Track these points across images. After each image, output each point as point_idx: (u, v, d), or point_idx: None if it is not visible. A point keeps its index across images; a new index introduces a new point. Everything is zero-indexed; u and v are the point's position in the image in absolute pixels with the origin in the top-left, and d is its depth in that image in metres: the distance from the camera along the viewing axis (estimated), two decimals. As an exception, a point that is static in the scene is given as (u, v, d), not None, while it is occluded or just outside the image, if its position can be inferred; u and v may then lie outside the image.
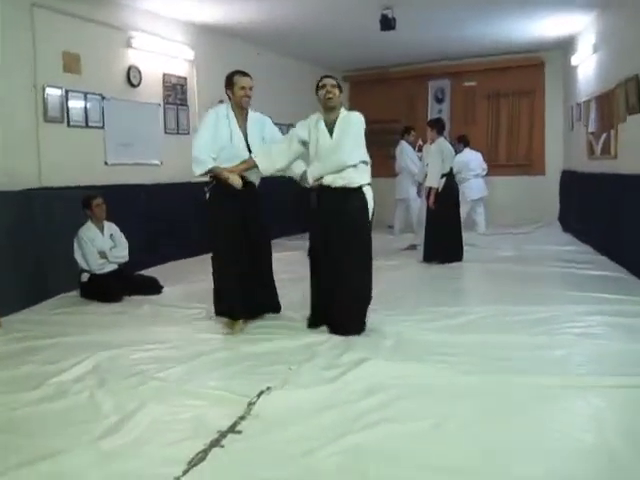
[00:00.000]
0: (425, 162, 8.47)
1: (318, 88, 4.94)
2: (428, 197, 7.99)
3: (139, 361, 4.23)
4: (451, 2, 8.24)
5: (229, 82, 5.13)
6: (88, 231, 6.38)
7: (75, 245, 6.34)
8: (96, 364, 4.17)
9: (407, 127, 10.67)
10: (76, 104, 7.04)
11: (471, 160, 10.44)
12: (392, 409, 3.30)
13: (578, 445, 2.87)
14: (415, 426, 3.09)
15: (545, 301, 5.70)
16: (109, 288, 6.24)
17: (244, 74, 5.29)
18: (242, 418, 3.22)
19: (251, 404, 3.40)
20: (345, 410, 3.30)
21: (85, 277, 6.37)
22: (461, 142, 10.46)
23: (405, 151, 10.33)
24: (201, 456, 2.80)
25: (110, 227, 6.54)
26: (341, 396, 3.50)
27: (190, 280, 7.07)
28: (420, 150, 10.18)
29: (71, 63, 6.92)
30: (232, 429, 3.09)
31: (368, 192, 4.77)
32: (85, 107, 7.15)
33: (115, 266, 6.50)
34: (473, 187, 10.44)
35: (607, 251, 7.99)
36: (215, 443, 2.92)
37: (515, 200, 12.04)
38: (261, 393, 3.54)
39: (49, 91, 6.63)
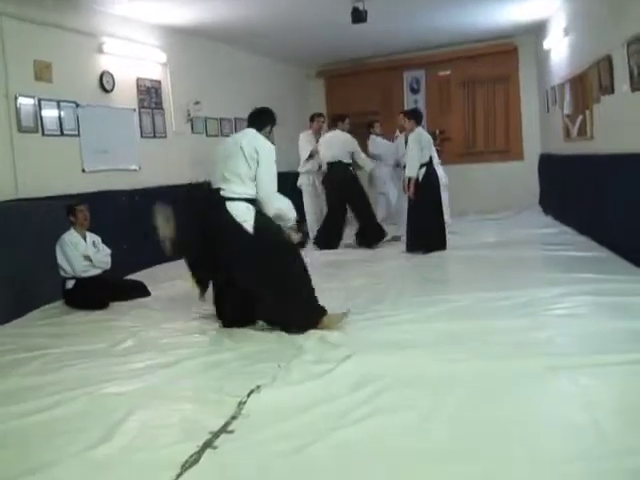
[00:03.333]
0: (402, 152, 8.55)
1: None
2: (408, 187, 8.00)
3: (125, 368, 4.20)
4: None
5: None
6: (71, 236, 6.32)
7: (58, 250, 6.26)
8: (82, 374, 4.14)
9: (370, 122, 10.62)
10: (50, 113, 6.98)
11: None
12: (380, 402, 3.30)
13: (568, 424, 2.89)
14: (404, 417, 3.09)
15: (528, 284, 5.72)
16: (94, 295, 6.19)
17: None
18: (234, 418, 3.22)
19: (242, 403, 3.39)
20: (334, 405, 3.30)
21: (70, 284, 6.31)
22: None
23: (376, 144, 10.27)
24: (195, 458, 2.79)
25: (92, 236, 6.50)
26: (330, 391, 3.49)
27: (175, 283, 7.04)
28: (393, 140, 10.20)
29: (42, 71, 6.86)
30: (224, 429, 3.08)
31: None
32: (59, 115, 7.10)
33: (99, 271, 6.46)
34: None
35: (588, 232, 8.04)
36: (208, 444, 2.92)
37: (495, 186, 12.08)
38: (251, 392, 3.54)
39: (21, 101, 6.58)
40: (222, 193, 4.75)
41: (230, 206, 4.72)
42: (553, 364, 3.65)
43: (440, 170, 10.19)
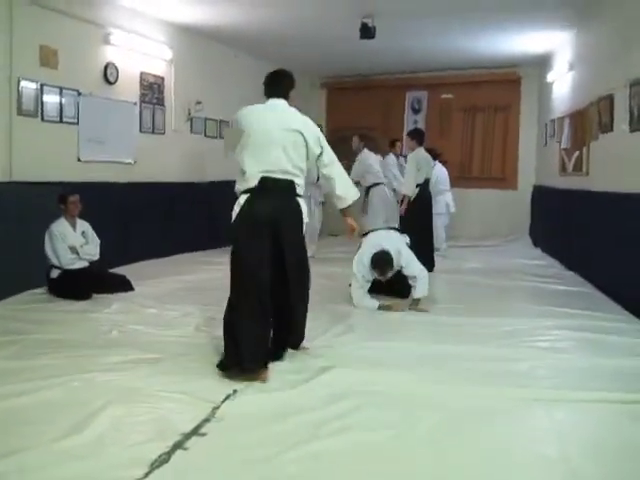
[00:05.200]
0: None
1: None
2: (401, 203, 8.09)
3: (103, 361, 4.19)
4: (431, 14, 8.31)
5: None
6: (60, 226, 6.35)
7: (46, 239, 6.30)
8: (59, 363, 4.12)
9: (394, 140, 10.58)
10: (51, 99, 6.96)
11: (441, 174, 10.29)
12: (354, 417, 3.31)
13: (538, 458, 2.89)
14: (376, 436, 3.10)
15: (512, 314, 5.76)
16: (78, 285, 6.19)
17: None
18: (206, 421, 3.22)
19: (216, 408, 3.39)
20: (308, 417, 3.30)
21: (55, 273, 6.32)
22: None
23: (390, 166, 10.12)
24: (164, 458, 2.78)
25: (82, 224, 6.53)
26: (305, 402, 3.50)
27: (160, 280, 7.04)
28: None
29: (48, 57, 6.85)
30: (196, 431, 3.08)
31: None
32: (60, 102, 7.07)
33: (85, 263, 6.48)
34: (449, 200, 10.38)
35: (575, 267, 8.08)
36: (178, 445, 2.91)
37: (487, 213, 12.16)
38: (227, 397, 3.53)
39: (24, 84, 6.55)
40: (297, 190, 4.13)
41: (301, 203, 4.17)
42: (530, 396, 3.66)
43: (449, 197, 10.24)
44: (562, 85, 9.76)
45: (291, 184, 4.06)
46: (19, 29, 6.46)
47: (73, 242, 6.37)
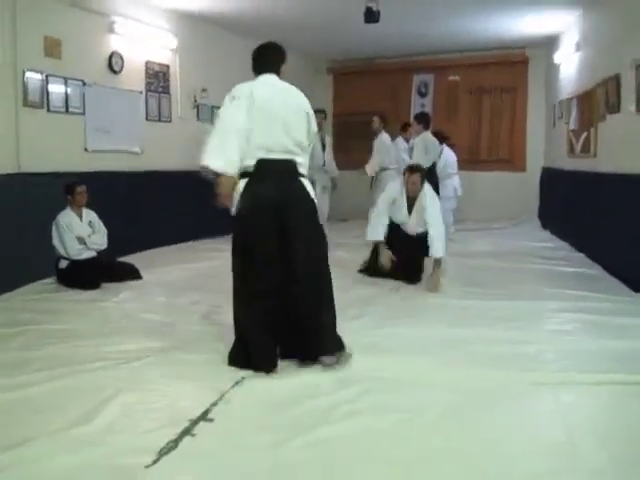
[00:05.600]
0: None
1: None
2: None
3: (112, 349, 4.22)
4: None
5: None
6: (66, 217, 6.37)
7: (53, 230, 6.33)
8: (68, 352, 4.16)
9: (405, 124, 10.47)
10: (56, 89, 6.96)
11: (449, 157, 10.23)
12: (363, 402, 3.33)
13: (546, 443, 2.89)
14: (384, 421, 3.12)
15: (520, 297, 5.75)
16: (87, 275, 6.22)
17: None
18: (214, 405, 3.25)
19: (224, 393, 3.41)
20: (317, 402, 3.32)
21: (63, 264, 6.35)
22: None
23: (400, 150, 10.05)
24: (172, 445, 2.81)
25: (89, 214, 6.54)
26: (315, 388, 3.52)
27: (168, 268, 7.07)
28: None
29: (52, 47, 6.84)
30: (204, 417, 3.11)
31: None
32: (66, 92, 7.08)
33: (93, 253, 6.50)
34: (456, 184, 10.32)
35: (584, 248, 8.06)
36: (186, 431, 2.94)
37: (495, 196, 12.09)
38: (235, 383, 3.55)
39: (29, 75, 6.55)
40: (299, 169, 3.88)
41: (306, 184, 3.90)
42: (537, 379, 3.67)
43: (456, 180, 10.15)
44: (569, 66, 9.69)
45: (293, 164, 3.81)
46: (23, 20, 6.44)
47: (80, 232, 6.39)
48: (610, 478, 2.59)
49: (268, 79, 3.92)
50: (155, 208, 8.36)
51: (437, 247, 6.13)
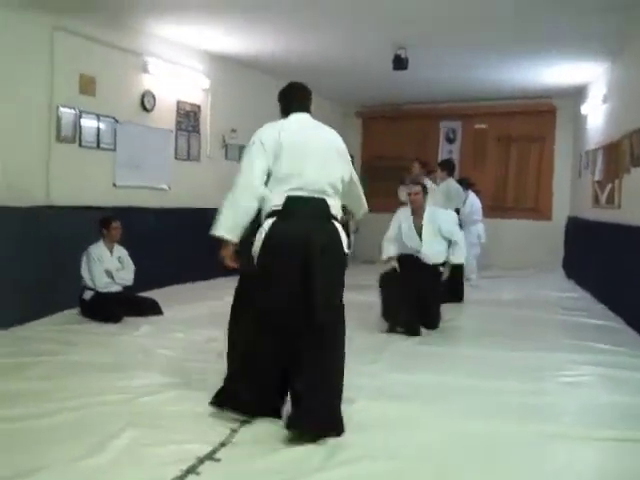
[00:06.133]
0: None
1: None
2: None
3: (126, 384, 4.27)
4: (464, 45, 8.37)
5: None
6: (98, 249, 6.52)
7: (83, 261, 6.46)
8: (83, 385, 4.22)
9: (430, 170, 10.33)
10: (89, 125, 7.14)
11: (474, 204, 10.21)
12: (371, 447, 3.32)
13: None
14: (391, 466, 3.11)
15: (538, 347, 5.72)
16: (110, 308, 6.31)
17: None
18: (223, 445, 3.26)
19: (234, 431, 3.44)
20: (324, 445, 3.32)
21: (88, 295, 6.46)
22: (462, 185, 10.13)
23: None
24: (176, 482, 2.84)
25: (119, 250, 6.69)
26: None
27: (190, 304, 7.14)
28: None
29: (87, 85, 7.04)
30: (211, 456, 3.13)
31: None
32: (98, 128, 7.26)
33: (119, 287, 6.61)
34: (481, 231, 10.28)
35: (606, 300, 8.00)
36: (192, 469, 2.96)
37: (521, 244, 12.06)
38: (245, 422, 3.57)
39: (63, 111, 6.74)
40: (332, 210, 3.61)
41: (338, 227, 3.63)
42: (550, 432, 3.63)
43: (481, 227, 10.12)
44: (596, 117, 9.73)
45: (325, 204, 3.56)
46: (59, 58, 6.65)
47: (109, 266, 6.52)
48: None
49: (300, 118, 3.77)
50: (180, 245, 8.46)
51: (458, 253, 6.35)
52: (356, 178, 3.93)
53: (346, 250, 3.63)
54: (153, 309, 6.62)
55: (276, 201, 3.51)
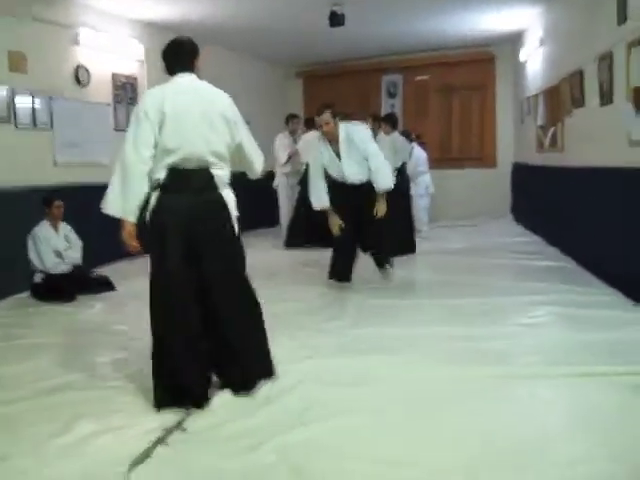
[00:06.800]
0: None
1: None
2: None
3: (90, 362, 4.23)
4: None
5: None
6: (43, 229, 6.39)
7: (29, 243, 6.32)
8: (42, 367, 4.15)
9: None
10: (23, 104, 6.91)
11: (420, 156, 10.27)
12: (337, 403, 3.35)
13: (519, 438, 2.90)
14: (356, 419, 3.15)
15: (493, 292, 5.82)
16: (62, 288, 6.21)
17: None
18: (188, 414, 3.25)
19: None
20: (290, 404, 3.34)
21: (38, 278, 6.34)
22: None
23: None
24: (145, 454, 2.83)
25: (65, 228, 6.56)
26: (287, 391, 3.53)
27: (141, 278, 6.99)
28: None
29: (17, 62, 6.79)
30: (178, 426, 3.12)
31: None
32: (33, 108, 7.03)
33: (69, 266, 6.49)
34: (428, 182, 10.37)
35: (557, 242, 8.15)
36: (160, 440, 2.95)
37: (467, 193, 12.18)
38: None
39: (-5, 91, 6.51)
40: (215, 180, 3.51)
41: (224, 193, 3.57)
42: (509, 374, 3.71)
43: (428, 178, 10.23)
44: (535, 62, 9.81)
45: (208, 175, 3.47)
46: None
47: (57, 245, 6.39)
48: (584, 471, 2.60)
49: (183, 81, 3.60)
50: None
51: (381, 179, 5.92)
52: (247, 141, 3.69)
53: (234, 214, 3.57)
54: (105, 285, 6.53)
55: (160, 174, 3.42)
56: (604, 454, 2.72)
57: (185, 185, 3.43)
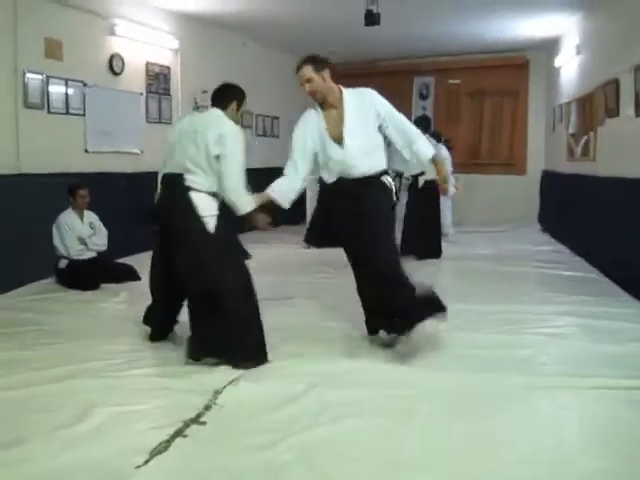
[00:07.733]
0: None
1: None
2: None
3: (108, 351, 4.24)
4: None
5: None
6: (68, 217, 6.43)
7: (54, 230, 6.38)
8: (65, 353, 4.19)
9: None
10: (57, 90, 6.98)
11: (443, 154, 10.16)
12: (355, 405, 3.33)
13: (536, 446, 2.88)
14: (377, 422, 3.13)
15: (517, 300, 5.77)
16: (86, 275, 6.25)
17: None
18: (207, 408, 3.26)
19: (217, 394, 3.44)
20: (310, 404, 3.33)
21: (63, 264, 6.39)
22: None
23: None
24: (164, 445, 2.83)
25: (90, 215, 6.60)
26: (307, 390, 3.52)
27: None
28: None
29: (53, 49, 6.86)
30: (196, 419, 3.12)
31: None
32: (66, 94, 7.09)
33: (94, 254, 6.55)
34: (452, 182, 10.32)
35: (583, 252, 8.06)
36: (178, 433, 2.96)
37: (495, 199, 12.09)
38: (228, 384, 3.57)
39: (30, 76, 6.57)
40: (186, 183, 4.03)
41: (193, 196, 4.00)
42: (531, 383, 3.66)
43: (451, 179, 10.16)
44: (569, 69, 9.71)
45: (181, 178, 4.07)
46: (23, 22, 6.46)
47: (81, 233, 6.45)
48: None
49: (207, 112, 4.37)
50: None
51: (423, 146, 4.56)
52: (231, 161, 4.01)
53: (202, 214, 4.00)
54: (130, 275, 6.54)
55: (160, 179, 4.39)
56: (624, 469, 2.68)
57: (166, 185, 4.38)
